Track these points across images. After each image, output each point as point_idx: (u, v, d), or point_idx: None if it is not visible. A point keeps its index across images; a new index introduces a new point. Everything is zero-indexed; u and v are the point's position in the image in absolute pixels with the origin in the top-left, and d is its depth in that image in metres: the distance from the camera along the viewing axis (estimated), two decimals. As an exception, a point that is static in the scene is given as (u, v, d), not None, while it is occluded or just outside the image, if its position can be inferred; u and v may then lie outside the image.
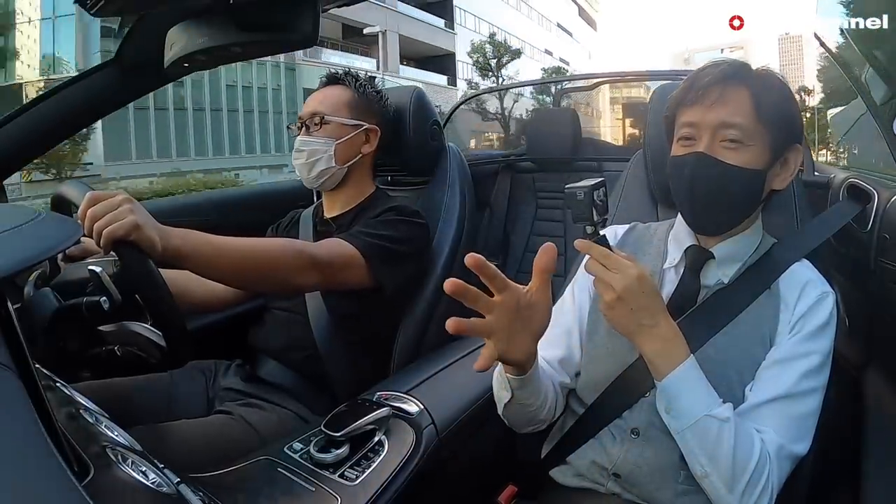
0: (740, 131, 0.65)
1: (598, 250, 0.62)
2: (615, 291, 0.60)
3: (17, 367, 0.35)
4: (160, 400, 0.93)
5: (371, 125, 1.06)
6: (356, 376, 0.95)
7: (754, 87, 0.66)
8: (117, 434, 0.48)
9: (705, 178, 0.66)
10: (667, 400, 0.63)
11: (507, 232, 2.14)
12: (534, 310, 0.58)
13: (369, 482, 0.64)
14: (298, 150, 1.03)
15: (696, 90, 0.67)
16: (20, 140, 0.92)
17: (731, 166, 0.65)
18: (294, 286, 0.86)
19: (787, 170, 0.70)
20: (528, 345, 0.61)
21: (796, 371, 0.64)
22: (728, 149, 0.65)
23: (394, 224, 0.97)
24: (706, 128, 0.66)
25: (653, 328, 0.62)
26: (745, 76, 0.67)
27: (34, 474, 0.28)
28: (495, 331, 0.56)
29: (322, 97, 1.05)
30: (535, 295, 0.57)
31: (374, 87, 1.10)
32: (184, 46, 0.63)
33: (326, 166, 1.02)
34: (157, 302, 0.65)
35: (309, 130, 1.03)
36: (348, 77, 1.08)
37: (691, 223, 0.72)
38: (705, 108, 0.66)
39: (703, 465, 0.61)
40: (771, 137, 0.66)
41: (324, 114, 1.02)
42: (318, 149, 1.02)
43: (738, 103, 0.65)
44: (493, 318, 0.56)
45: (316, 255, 0.85)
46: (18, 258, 0.43)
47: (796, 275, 0.69)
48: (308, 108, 1.05)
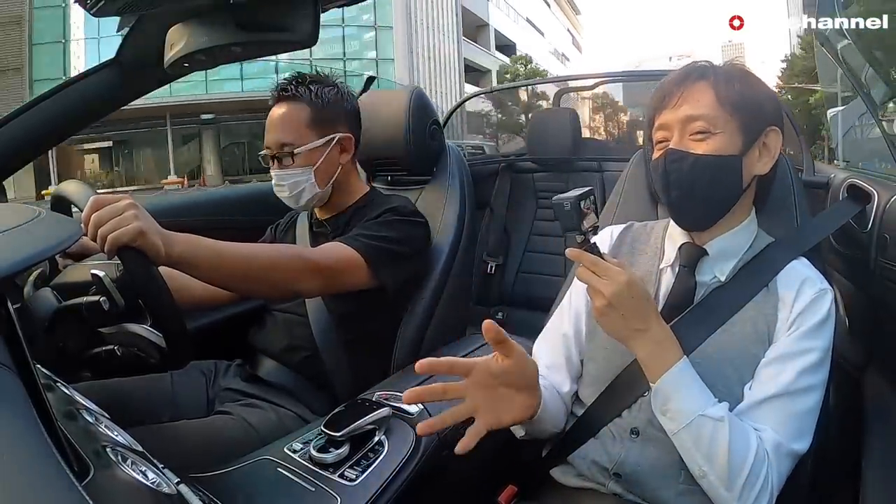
0: (706, 121, 0.66)
1: (588, 258, 0.62)
2: (605, 298, 0.61)
3: (17, 367, 0.35)
4: (160, 400, 0.93)
5: (342, 133, 1.02)
6: (356, 376, 0.95)
7: (713, 78, 0.68)
8: (117, 434, 0.48)
9: (679, 172, 0.68)
10: (661, 401, 0.64)
11: (507, 232, 2.15)
12: (510, 372, 0.61)
13: (369, 482, 0.64)
14: (279, 184, 0.99)
15: (661, 96, 0.70)
16: (20, 140, 0.92)
17: (702, 155, 0.66)
18: (296, 291, 0.86)
19: (767, 153, 0.70)
20: (521, 402, 0.64)
21: (795, 368, 0.64)
22: (696, 140, 0.67)
23: (393, 225, 0.97)
24: (675, 126, 0.68)
25: (645, 332, 0.63)
26: (703, 72, 0.69)
27: (34, 474, 0.28)
28: (477, 408, 0.60)
29: (282, 123, 0.99)
30: (503, 360, 0.61)
31: (331, 85, 1.03)
32: (184, 46, 0.63)
33: (312, 194, 1.00)
34: (158, 306, 0.64)
35: (282, 163, 0.99)
36: (300, 89, 1.00)
37: (677, 221, 0.73)
38: (672, 109, 0.69)
39: (700, 465, 0.62)
40: (739, 121, 0.67)
41: (292, 146, 0.98)
42: (299, 180, 0.98)
43: (699, 96, 0.67)
44: (470, 399, 0.60)
45: (317, 261, 0.85)
46: (18, 258, 0.43)
47: (794, 272, 0.69)
48: (273, 139, 0.99)
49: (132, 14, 0.79)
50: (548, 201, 2.10)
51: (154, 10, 0.73)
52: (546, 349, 0.81)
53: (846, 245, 0.97)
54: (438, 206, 1.13)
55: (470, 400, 0.60)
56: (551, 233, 2.07)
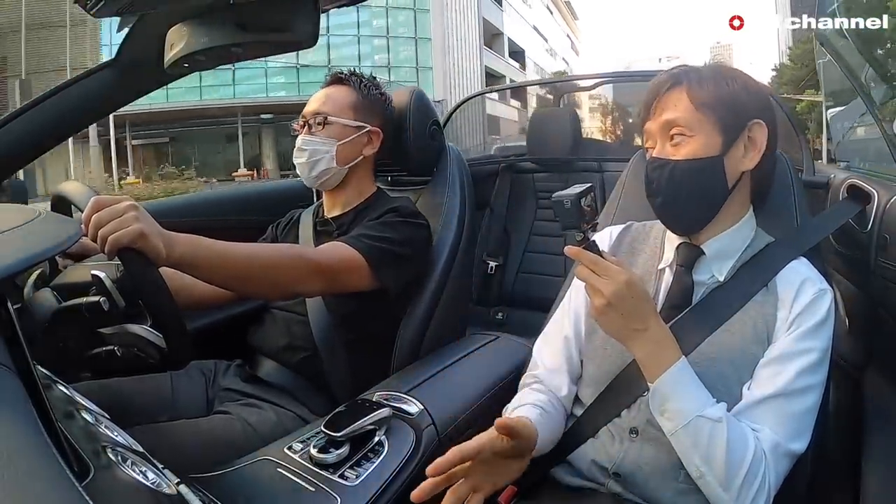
0: (682, 125, 0.67)
1: (588, 256, 0.62)
2: (605, 297, 0.61)
3: (17, 367, 0.35)
4: (160, 400, 0.93)
5: (374, 127, 1.06)
6: (356, 376, 0.95)
7: (688, 82, 0.68)
8: (117, 434, 0.48)
9: (660, 179, 0.69)
10: (659, 401, 0.64)
11: (507, 232, 2.14)
12: (514, 448, 0.62)
13: (369, 482, 0.64)
14: (300, 148, 1.02)
15: (646, 108, 0.71)
16: (20, 140, 0.92)
17: (680, 161, 0.67)
18: (297, 292, 0.87)
19: (753, 147, 0.69)
20: (518, 466, 0.65)
21: (793, 368, 0.64)
22: (675, 145, 0.68)
23: (395, 226, 0.97)
24: (657, 134, 0.70)
25: (643, 332, 0.63)
26: (677, 77, 0.69)
27: (34, 474, 0.28)
28: (477, 485, 0.61)
29: (326, 97, 1.05)
30: (508, 441, 0.61)
31: (379, 88, 1.09)
32: (184, 46, 0.63)
33: (327, 167, 1.02)
34: (158, 307, 0.65)
35: (311, 130, 1.03)
36: (353, 78, 1.07)
37: (667, 226, 0.74)
38: (654, 118, 0.70)
39: (698, 466, 0.62)
40: (716, 120, 0.67)
41: (327, 114, 1.02)
42: (320, 149, 1.01)
43: (675, 101, 0.68)
44: (472, 477, 0.60)
45: (319, 262, 0.85)
46: (18, 258, 0.43)
47: (794, 272, 0.69)
48: (311, 107, 1.04)
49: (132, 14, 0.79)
50: (548, 201, 2.10)
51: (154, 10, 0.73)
52: (546, 351, 0.81)
53: (846, 245, 0.97)
54: (439, 206, 1.12)
55: (472, 478, 0.60)
56: (551, 233, 2.07)
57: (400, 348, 1.01)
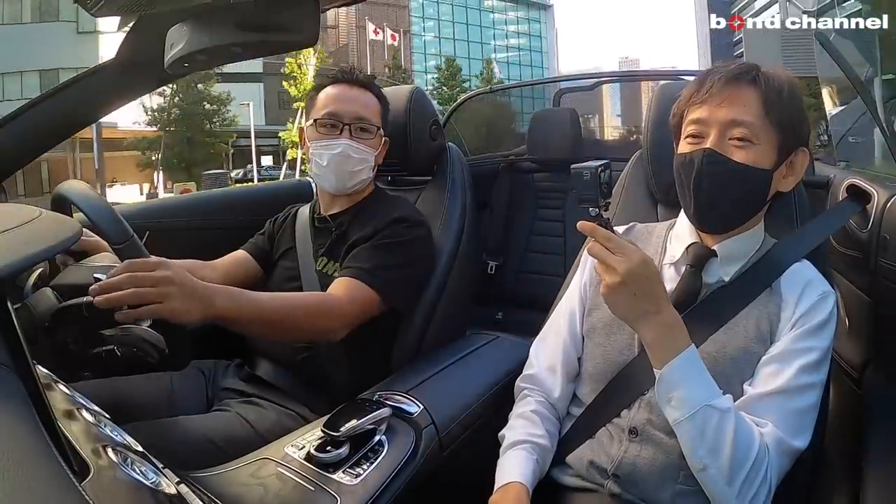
0: (749, 130, 0.65)
1: (602, 232, 0.61)
2: (619, 275, 0.59)
3: (17, 367, 0.35)
4: (160, 400, 0.93)
5: (385, 135, 1.06)
6: (356, 376, 0.95)
7: (764, 86, 0.66)
8: (117, 434, 0.48)
9: (713, 175, 0.66)
10: (667, 389, 0.62)
11: (507, 232, 2.14)
12: None
13: (369, 482, 0.64)
14: (346, 155, 0.98)
15: (705, 89, 0.68)
16: (20, 140, 0.92)
17: (739, 164, 0.65)
18: (322, 336, 0.91)
19: (793, 172, 0.70)
20: None
21: (795, 366, 0.64)
22: (736, 147, 0.66)
23: (402, 247, 0.97)
24: (715, 125, 0.67)
25: (655, 315, 0.61)
26: (754, 76, 0.67)
27: (34, 474, 0.28)
28: None
29: (363, 102, 1.01)
30: None
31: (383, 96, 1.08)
32: (184, 46, 0.63)
33: (367, 176, 1.03)
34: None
35: (352, 135, 0.99)
36: (375, 82, 1.05)
37: (696, 220, 0.71)
38: (714, 107, 0.67)
39: (702, 458, 0.60)
40: (778, 138, 0.66)
41: (369, 121, 1.00)
42: (366, 157, 1.01)
43: (747, 102, 0.66)
44: None
45: (345, 309, 0.88)
46: (19, 258, 0.43)
47: (798, 274, 0.69)
48: (352, 111, 0.99)
49: (132, 14, 0.79)
50: (548, 201, 2.10)
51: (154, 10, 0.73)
52: (542, 349, 0.81)
53: (846, 245, 0.97)
54: (439, 206, 1.12)
55: None
56: (551, 233, 2.07)
57: (400, 348, 1.01)
